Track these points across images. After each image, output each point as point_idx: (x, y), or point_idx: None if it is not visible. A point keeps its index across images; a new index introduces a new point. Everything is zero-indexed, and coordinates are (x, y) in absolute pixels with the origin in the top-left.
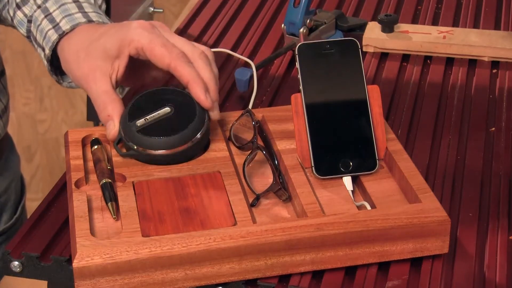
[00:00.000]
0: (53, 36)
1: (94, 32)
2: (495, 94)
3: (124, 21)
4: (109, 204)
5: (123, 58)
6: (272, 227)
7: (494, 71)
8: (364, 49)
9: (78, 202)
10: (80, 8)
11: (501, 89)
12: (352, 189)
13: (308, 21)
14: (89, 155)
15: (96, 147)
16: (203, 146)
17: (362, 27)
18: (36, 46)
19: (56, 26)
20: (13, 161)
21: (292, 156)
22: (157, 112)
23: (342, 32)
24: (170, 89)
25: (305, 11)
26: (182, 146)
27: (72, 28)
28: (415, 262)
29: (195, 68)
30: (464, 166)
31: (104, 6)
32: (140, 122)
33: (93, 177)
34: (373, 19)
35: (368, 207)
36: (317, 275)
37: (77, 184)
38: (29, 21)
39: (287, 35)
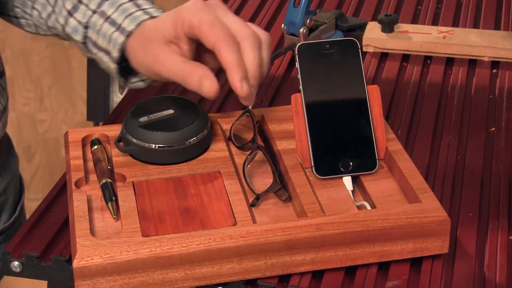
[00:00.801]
0: (120, 37)
1: (153, 22)
2: (495, 94)
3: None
4: (109, 204)
5: (183, 39)
6: (272, 227)
7: (494, 71)
8: (364, 49)
9: (78, 202)
10: (138, 6)
11: (501, 89)
12: (352, 189)
13: (308, 21)
14: (89, 155)
15: (96, 147)
16: (203, 148)
17: (362, 27)
18: (96, 50)
19: (119, 27)
20: (12, 161)
21: (292, 156)
22: (161, 113)
23: (342, 32)
24: (175, 96)
25: (305, 11)
26: (182, 143)
27: (137, 27)
28: (415, 262)
29: (238, 52)
30: (464, 166)
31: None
32: (143, 119)
33: (93, 177)
34: (373, 19)
35: (368, 207)
36: (317, 275)
37: (77, 184)
38: (86, 27)
39: (287, 35)
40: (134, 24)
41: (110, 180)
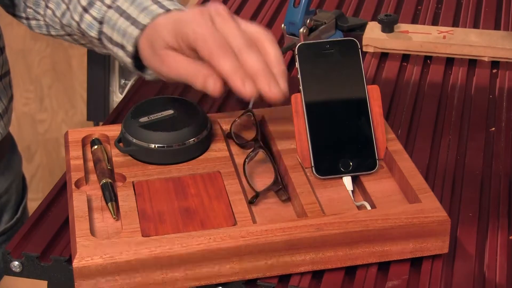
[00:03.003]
0: (134, 31)
1: (161, 23)
2: (495, 94)
3: (185, 11)
4: (109, 204)
5: (185, 48)
6: (272, 227)
7: (494, 71)
8: (364, 49)
9: (78, 202)
10: (154, 0)
11: (501, 89)
12: (352, 189)
13: (308, 21)
14: (89, 155)
15: (96, 147)
16: (203, 148)
17: (362, 27)
18: (111, 46)
19: (135, 22)
20: (14, 161)
21: (292, 156)
22: (160, 113)
23: (342, 32)
24: (175, 97)
25: (305, 11)
26: (182, 143)
27: (152, 21)
28: (415, 262)
29: (234, 59)
30: (464, 166)
31: None
32: (143, 119)
33: (93, 177)
34: (373, 19)
35: (368, 207)
36: (317, 275)
37: (77, 184)
38: (100, 23)
39: (287, 35)
40: (149, 18)
41: (110, 180)
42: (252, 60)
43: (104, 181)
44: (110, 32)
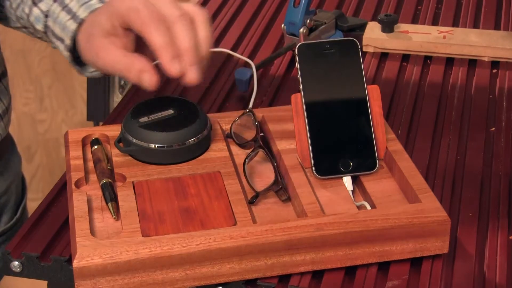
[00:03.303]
0: (72, 25)
1: (93, 16)
2: (495, 94)
3: None
4: (109, 204)
5: (119, 30)
6: (272, 227)
7: (494, 71)
8: (364, 49)
9: (78, 202)
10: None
11: (501, 89)
12: (352, 189)
13: (308, 21)
14: (89, 155)
15: (96, 147)
16: (203, 148)
17: (362, 27)
18: (54, 40)
19: (74, 16)
20: (14, 161)
21: (292, 156)
22: (160, 113)
23: (342, 32)
24: (175, 97)
25: (305, 11)
26: (182, 143)
27: (90, 14)
28: (415, 262)
29: (167, 33)
30: (464, 166)
31: None
32: (143, 119)
33: (93, 177)
34: (373, 19)
35: (368, 207)
36: (317, 275)
37: (77, 184)
38: (46, 16)
39: (287, 35)
40: (87, 11)
41: (110, 180)
42: (183, 36)
43: (104, 181)
44: (52, 26)
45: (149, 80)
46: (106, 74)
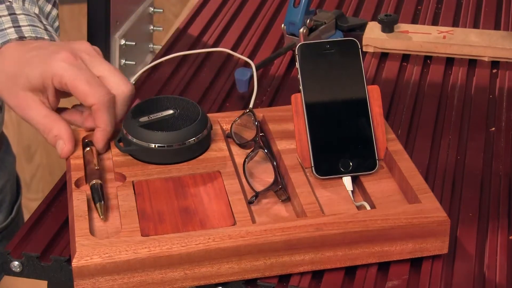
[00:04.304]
0: None
1: (22, 55)
2: (495, 94)
3: (52, 47)
4: (97, 204)
5: (50, 91)
6: (272, 227)
7: (494, 71)
8: (364, 49)
9: (78, 201)
10: (15, 22)
11: (501, 89)
12: (352, 189)
13: (308, 21)
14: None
15: (87, 149)
16: (203, 148)
17: (362, 27)
18: None
19: None
20: (8, 161)
21: (292, 156)
22: (161, 113)
23: (342, 32)
24: (175, 97)
25: (305, 11)
26: (182, 143)
27: (2, 45)
28: (415, 262)
29: (111, 115)
30: (464, 166)
31: (54, 12)
32: (143, 119)
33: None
34: (373, 19)
35: (368, 207)
36: (317, 275)
37: (77, 184)
38: None
39: (287, 35)
40: (0, 41)
41: (99, 181)
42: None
43: (93, 182)
44: None
45: (61, 148)
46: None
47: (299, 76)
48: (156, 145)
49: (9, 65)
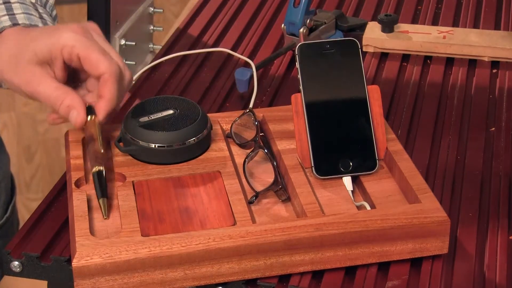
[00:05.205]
0: None
1: (22, 37)
2: (495, 94)
3: (56, 25)
4: (100, 200)
5: (58, 63)
6: (272, 227)
7: (494, 71)
8: (364, 49)
9: (78, 201)
10: (9, 10)
11: (501, 89)
12: (352, 189)
13: (308, 21)
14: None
15: (90, 118)
16: (203, 148)
17: (362, 27)
18: None
19: None
20: (2, 160)
21: (292, 156)
22: (161, 113)
23: (342, 32)
24: (175, 97)
25: (305, 11)
26: (182, 143)
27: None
28: (415, 262)
29: (118, 88)
30: (464, 166)
31: (52, 1)
32: (143, 119)
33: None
34: (373, 19)
35: (368, 207)
36: (317, 275)
37: (77, 184)
38: None
39: (287, 35)
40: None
41: (102, 168)
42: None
43: (96, 168)
44: None
45: (75, 117)
46: (30, 98)
47: (299, 76)
48: (156, 145)
49: (11, 46)
